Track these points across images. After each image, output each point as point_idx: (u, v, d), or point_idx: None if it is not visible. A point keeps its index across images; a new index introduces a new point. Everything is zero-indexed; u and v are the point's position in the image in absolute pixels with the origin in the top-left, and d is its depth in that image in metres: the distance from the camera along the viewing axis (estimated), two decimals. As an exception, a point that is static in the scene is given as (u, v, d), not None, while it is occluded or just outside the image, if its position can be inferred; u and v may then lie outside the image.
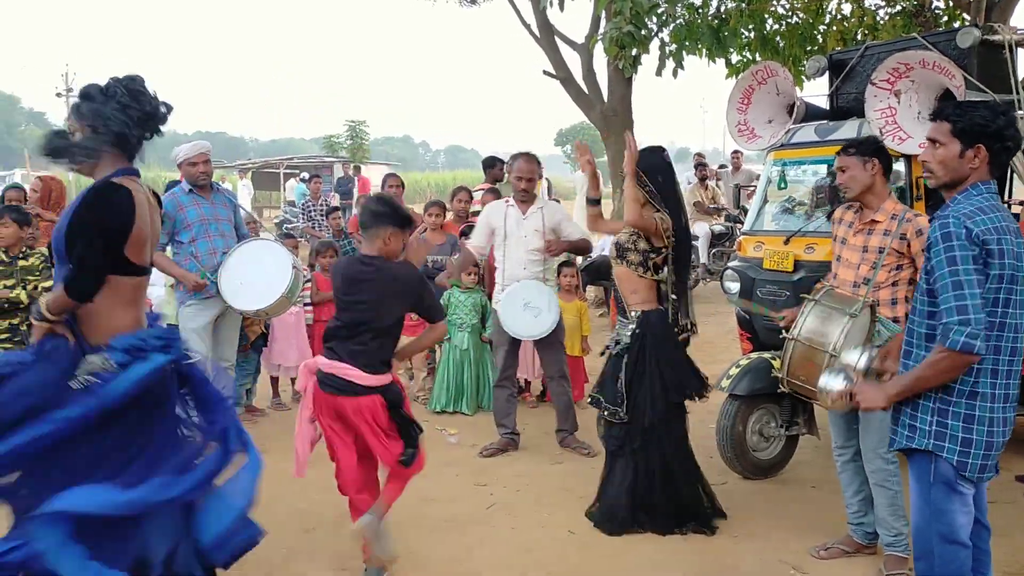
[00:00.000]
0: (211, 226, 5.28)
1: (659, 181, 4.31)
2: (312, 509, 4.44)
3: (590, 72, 9.72)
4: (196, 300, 5.22)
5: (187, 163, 5.23)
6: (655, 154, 4.48)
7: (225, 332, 5.51)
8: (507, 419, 5.39)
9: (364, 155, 36.47)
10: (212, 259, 5.26)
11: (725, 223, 11.67)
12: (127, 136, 2.82)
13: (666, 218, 4.25)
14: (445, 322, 4.01)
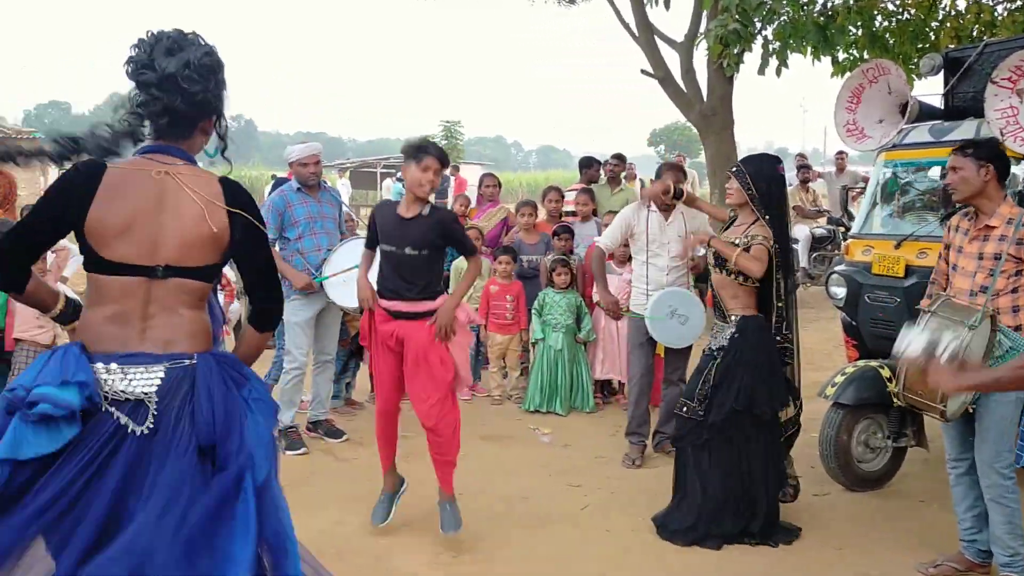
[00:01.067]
0: (317, 224, 5.41)
1: (762, 187, 4.23)
2: (411, 502, 4.51)
3: (689, 71, 9.57)
4: (300, 295, 5.36)
5: (299, 163, 5.37)
6: (766, 162, 4.39)
7: (326, 327, 5.62)
8: (667, 424, 5.29)
9: (458, 155, 36.86)
10: (317, 256, 5.38)
11: (827, 226, 11.33)
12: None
13: (764, 227, 4.19)
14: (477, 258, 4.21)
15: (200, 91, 2.25)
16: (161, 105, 2.25)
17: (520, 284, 6.63)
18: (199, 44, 2.29)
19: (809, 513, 4.43)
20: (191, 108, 2.27)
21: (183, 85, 2.22)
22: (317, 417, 5.71)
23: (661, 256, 5.20)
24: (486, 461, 5.24)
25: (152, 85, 2.23)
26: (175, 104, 2.24)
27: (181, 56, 2.22)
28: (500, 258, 6.57)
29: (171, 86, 2.22)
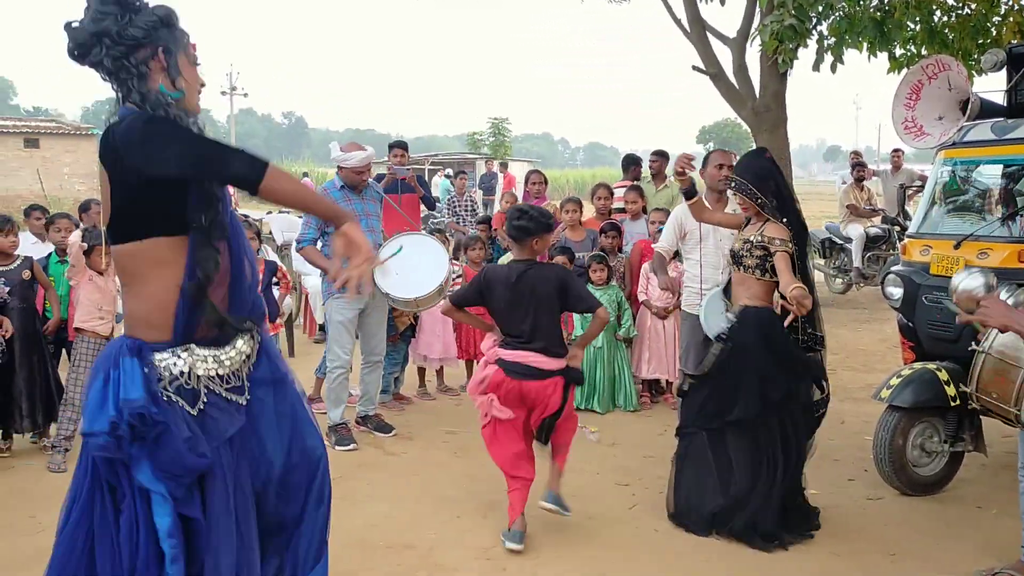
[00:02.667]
0: (361, 221, 5.37)
1: (771, 187, 4.22)
2: (460, 497, 4.55)
3: (741, 67, 9.45)
4: (345, 292, 5.36)
5: (353, 171, 5.38)
6: (758, 158, 4.34)
7: (373, 325, 5.61)
8: None
9: (506, 152, 36.91)
10: None
11: (881, 225, 11.12)
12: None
13: (781, 227, 4.16)
14: (604, 308, 4.13)
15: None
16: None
17: (569, 284, 6.59)
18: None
19: (862, 518, 4.35)
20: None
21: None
22: (366, 412, 5.74)
23: (714, 254, 5.16)
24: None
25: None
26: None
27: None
28: (556, 258, 6.54)
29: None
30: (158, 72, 2.18)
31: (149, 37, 2.15)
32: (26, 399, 5.19)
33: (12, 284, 5.22)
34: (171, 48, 2.20)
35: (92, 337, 5.22)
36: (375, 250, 5.41)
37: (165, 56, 2.18)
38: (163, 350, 2.19)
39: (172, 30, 2.22)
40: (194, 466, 2.13)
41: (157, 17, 2.17)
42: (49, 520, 4.21)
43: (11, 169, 26.18)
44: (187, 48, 2.26)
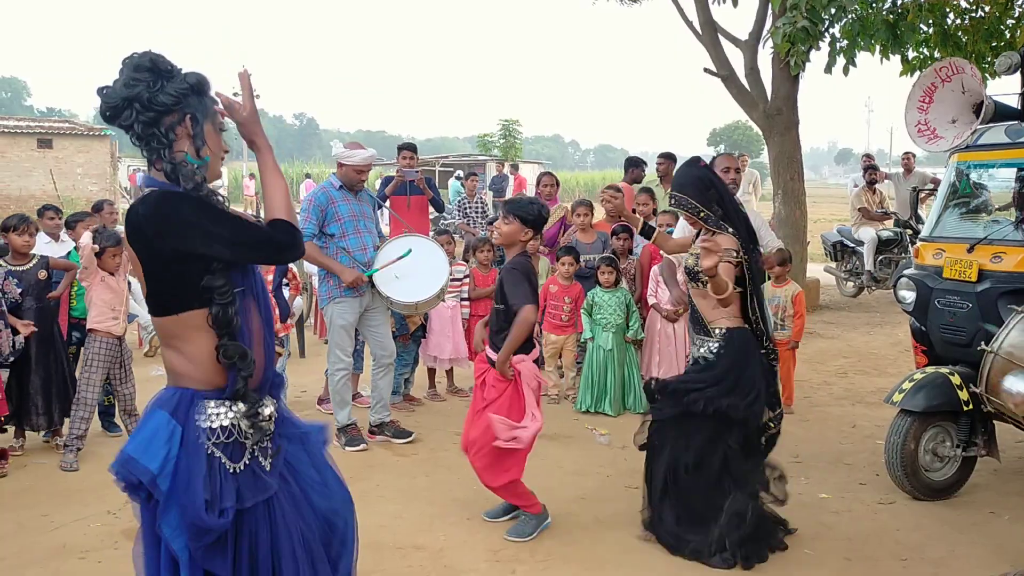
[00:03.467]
0: (360, 222, 5.39)
1: (713, 197, 4.01)
2: (469, 499, 4.54)
3: (753, 70, 9.43)
4: (347, 296, 5.32)
5: (354, 168, 5.37)
6: (694, 167, 4.13)
7: (378, 327, 5.57)
8: None
9: (516, 154, 36.92)
10: (363, 255, 5.35)
11: (893, 229, 11.08)
12: None
13: (729, 238, 3.95)
14: (529, 308, 3.98)
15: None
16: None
17: (580, 287, 6.60)
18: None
19: (874, 522, 4.33)
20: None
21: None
22: (381, 419, 5.64)
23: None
24: (544, 461, 5.23)
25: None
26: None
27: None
28: (563, 259, 6.54)
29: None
30: (184, 139, 2.21)
31: (178, 104, 2.18)
32: (42, 397, 5.22)
33: (28, 284, 5.25)
34: (198, 117, 2.22)
35: (105, 337, 5.25)
36: (371, 251, 5.40)
37: (192, 124, 2.21)
38: (215, 399, 2.21)
39: (202, 98, 2.25)
40: (213, 526, 2.13)
41: (188, 85, 2.20)
42: (61, 518, 4.26)
43: (25, 169, 26.34)
44: (214, 116, 2.29)
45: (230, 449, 2.20)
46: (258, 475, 2.23)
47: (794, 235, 9.35)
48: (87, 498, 4.57)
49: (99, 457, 5.15)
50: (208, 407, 2.19)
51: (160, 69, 2.18)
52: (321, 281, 5.55)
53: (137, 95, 2.14)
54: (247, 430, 2.22)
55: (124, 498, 4.63)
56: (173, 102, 2.17)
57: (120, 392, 5.44)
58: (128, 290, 5.57)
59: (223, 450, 2.19)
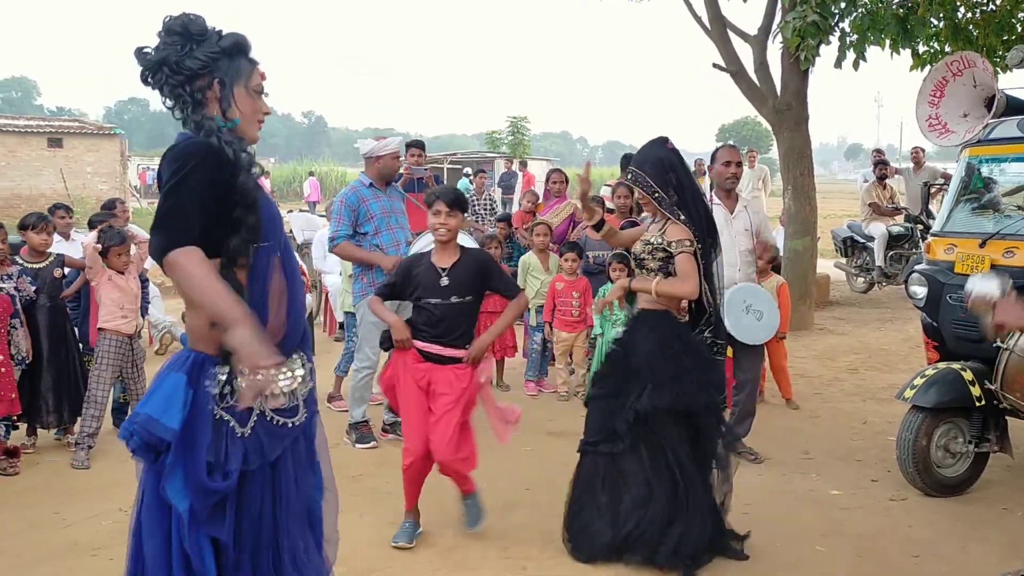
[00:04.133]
0: (392, 219, 5.40)
1: (671, 180, 3.86)
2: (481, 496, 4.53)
3: (763, 65, 9.37)
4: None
5: (391, 156, 5.37)
6: (658, 147, 3.93)
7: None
8: (740, 425, 5.14)
9: (525, 151, 36.90)
10: (396, 251, 5.33)
11: (904, 224, 11.02)
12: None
13: (681, 228, 3.83)
14: (523, 293, 4.12)
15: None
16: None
17: (587, 280, 6.59)
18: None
19: (886, 519, 4.32)
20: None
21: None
22: (395, 419, 5.55)
23: (729, 251, 5.06)
24: (554, 458, 5.22)
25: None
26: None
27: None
28: (566, 255, 6.54)
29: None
30: (213, 101, 2.25)
31: (206, 68, 2.22)
32: (53, 395, 5.25)
33: (44, 282, 5.27)
34: (226, 80, 2.25)
35: (115, 335, 5.27)
36: (404, 247, 5.37)
37: (220, 87, 2.24)
38: (224, 364, 2.21)
39: (233, 61, 2.27)
40: (214, 488, 2.15)
41: (220, 49, 2.23)
42: (72, 516, 4.28)
43: (35, 168, 26.46)
44: (249, 78, 2.31)
45: (239, 413, 2.20)
46: (264, 438, 2.24)
47: (804, 231, 9.29)
48: (98, 495, 4.59)
49: (110, 455, 5.17)
50: (218, 372, 2.20)
51: (191, 33, 2.21)
52: (355, 279, 5.51)
53: (166, 58, 2.19)
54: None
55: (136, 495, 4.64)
56: (200, 66, 2.21)
57: (132, 390, 5.46)
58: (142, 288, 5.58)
59: (231, 413, 2.20)
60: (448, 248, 3.95)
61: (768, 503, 4.48)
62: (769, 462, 5.11)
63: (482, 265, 4.00)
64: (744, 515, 4.30)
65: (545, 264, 6.79)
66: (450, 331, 3.90)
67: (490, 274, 4.00)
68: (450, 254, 3.94)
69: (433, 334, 3.91)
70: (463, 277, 3.89)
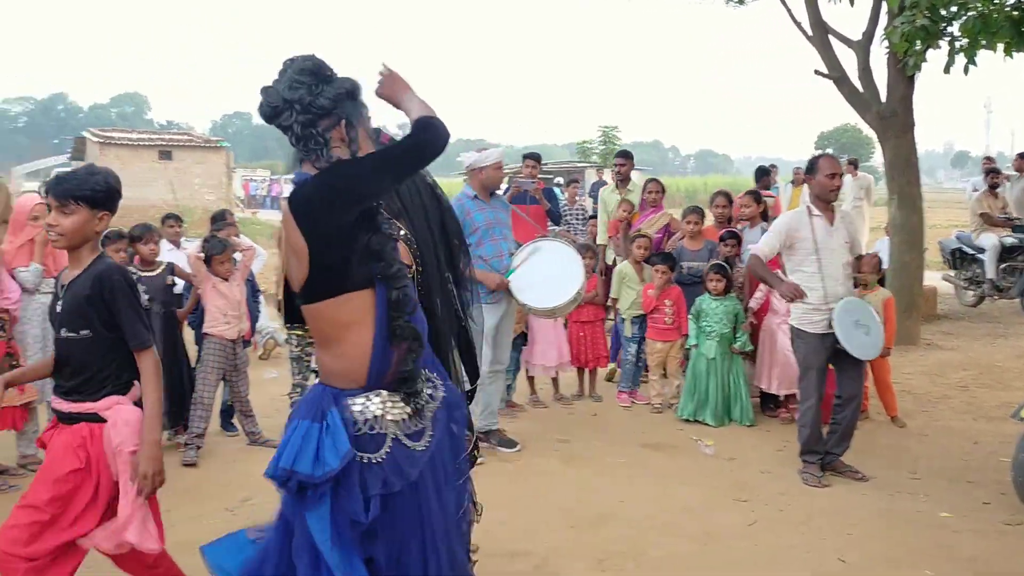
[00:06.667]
0: (495, 230, 5.43)
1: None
2: (572, 506, 4.53)
3: (866, 71, 9.08)
4: (483, 303, 5.35)
5: (494, 167, 5.43)
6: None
7: (504, 335, 5.59)
8: (840, 446, 5.05)
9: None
10: (499, 262, 5.37)
11: (1017, 235, 10.50)
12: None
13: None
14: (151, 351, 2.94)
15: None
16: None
17: (679, 288, 6.51)
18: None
19: (1000, 543, 4.10)
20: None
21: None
22: (489, 427, 5.64)
23: (832, 264, 4.93)
24: (648, 470, 5.18)
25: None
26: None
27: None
28: (656, 266, 6.48)
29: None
30: (338, 142, 2.26)
31: (335, 108, 2.24)
32: (166, 398, 5.47)
33: (156, 290, 5.52)
34: (352, 121, 2.27)
35: (219, 340, 5.47)
36: (507, 258, 5.39)
37: (347, 128, 2.26)
38: (356, 395, 2.25)
39: (356, 103, 2.31)
40: (363, 518, 2.18)
41: (344, 90, 2.26)
42: (180, 515, 4.43)
43: (147, 180, 27.72)
44: (367, 121, 2.34)
45: (373, 442, 2.23)
46: (401, 460, 2.26)
47: (911, 242, 8.95)
48: (205, 495, 4.76)
49: (217, 456, 5.36)
50: (352, 404, 2.24)
51: (321, 74, 2.25)
52: None
53: (299, 98, 2.21)
54: (392, 420, 2.26)
55: (242, 496, 4.79)
56: (331, 106, 2.23)
57: (235, 394, 5.66)
58: (253, 296, 5.78)
59: (365, 442, 2.22)
60: (72, 257, 2.92)
61: (873, 524, 4.32)
62: (874, 481, 4.93)
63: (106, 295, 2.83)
64: (848, 536, 4.18)
65: (640, 274, 6.73)
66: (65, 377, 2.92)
67: (105, 307, 2.83)
68: (73, 265, 2.92)
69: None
70: (77, 302, 2.84)
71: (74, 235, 2.83)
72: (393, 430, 2.26)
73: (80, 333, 2.84)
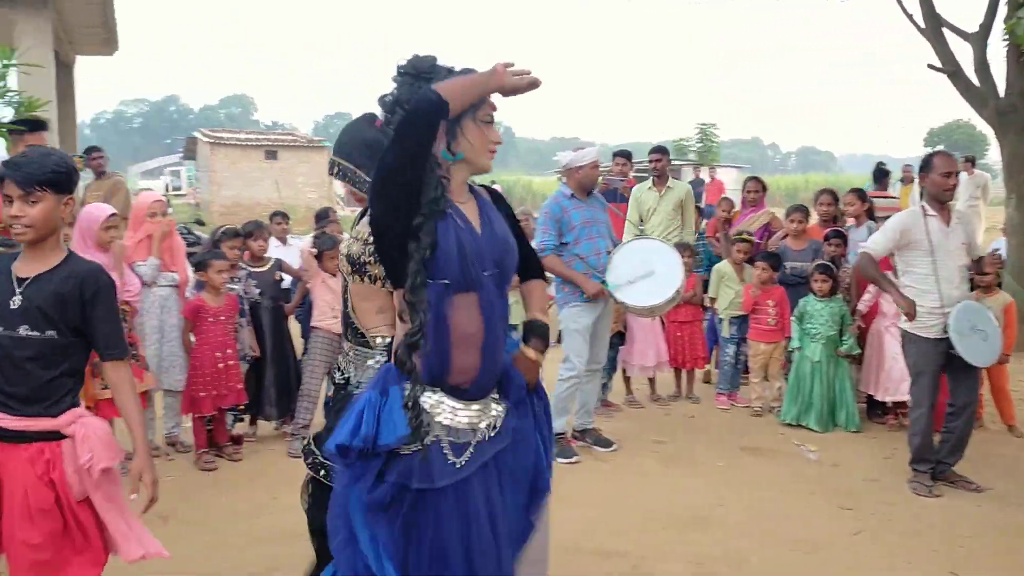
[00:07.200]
0: (593, 228, 5.41)
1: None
2: (668, 508, 4.49)
3: (983, 64, 8.67)
4: (581, 301, 5.35)
5: (591, 166, 5.43)
6: (366, 127, 2.92)
7: (601, 333, 5.56)
8: (953, 456, 4.86)
9: (713, 158, 36.02)
10: (597, 260, 5.35)
11: None
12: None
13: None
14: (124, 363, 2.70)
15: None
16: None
17: (782, 289, 6.36)
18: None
19: None
20: None
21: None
22: (584, 426, 5.64)
23: (946, 267, 4.73)
24: (747, 475, 5.08)
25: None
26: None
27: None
28: (759, 264, 6.35)
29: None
30: (440, 135, 2.23)
31: None
32: (275, 389, 5.69)
33: (265, 285, 5.73)
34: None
35: (326, 334, 5.63)
36: (604, 256, 5.37)
37: (447, 121, 2.22)
38: (407, 382, 2.22)
39: None
40: (372, 494, 2.18)
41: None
42: (287, 501, 4.57)
43: (254, 179, 28.73)
44: (477, 110, 2.28)
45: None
46: (433, 462, 2.20)
47: (1030, 242, 8.51)
48: (310, 484, 4.90)
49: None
50: (403, 387, 2.22)
51: (419, 71, 2.28)
52: (557, 288, 5.62)
53: (399, 98, 2.28)
54: (440, 423, 2.22)
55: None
56: None
57: (339, 386, 5.83)
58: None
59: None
60: (35, 251, 2.60)
61: (987, 538, 4.14)
62: (989, 493, 4.72)
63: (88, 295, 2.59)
64: (959, 549, 4.01)
65: (740, 274, 6.61)
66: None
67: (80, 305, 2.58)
68: (35, 258, 2.61)
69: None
70: (46, 299, 2.55)
71: (44, 225, 2.53)
72: (438, 432, 2.22)
73: (45, 333, 2.53)
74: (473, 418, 2.27)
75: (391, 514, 2.20)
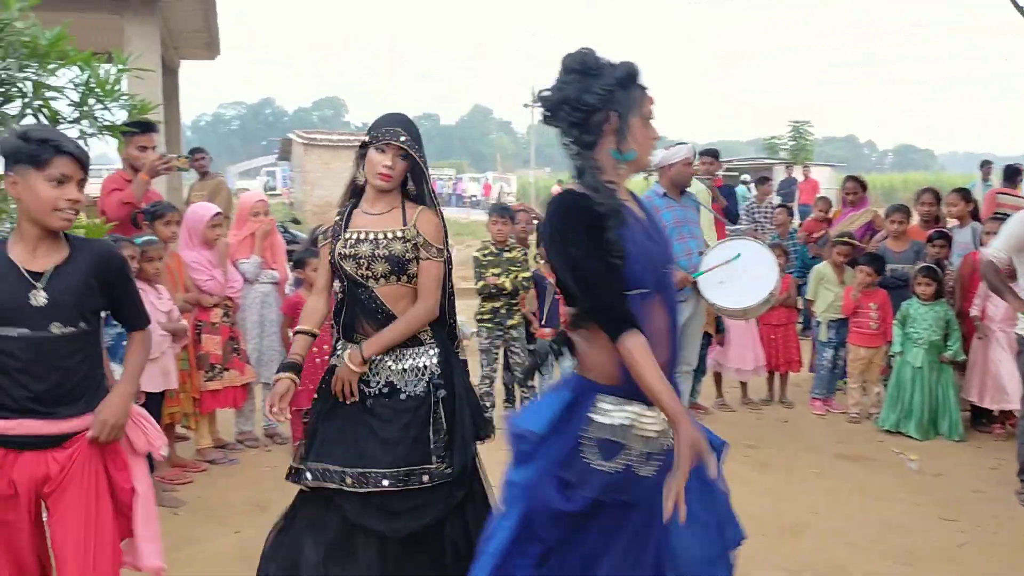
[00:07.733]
0: (684, 228, 5.36)
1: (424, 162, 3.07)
2: (761, 514, 4.39)
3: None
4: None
5: (683, 163, 5.38)
6: (399, 113, 3.12)
7: (691, 335, 5.50)
8: None
9: (806, 156, 35.13)
10: (687, 260, 5.28)
11: None
12: None
13: (438, 220, 3.07)
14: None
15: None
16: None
17: (884, 292, 6.16)
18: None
19: None
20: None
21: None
22: None
23: None
24: (845, 483, 4.95)
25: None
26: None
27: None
28: (862, 267, 6.15)
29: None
30: (610, 134, 2.20)
31: (604, 102, 2.18)
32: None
33: None
34: (623, 112, 2.20)
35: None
36: (695, 256, 5.30)
37: (617, 119, 2.19)
38: (611, 395, 2.17)
39: (628, 91, 2.21)
40: (558, 507, 2.13)
41: (615, 80, 2.19)
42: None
43: (345, 179, 29.10)
44: (642, 106, 2.27)
45: (606, 448, 2.14)
46: (629, 481, 2.15)
47: None
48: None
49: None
50: (602, 401, 2.16)
51: (587, 68, 2.21)
52: None
53: (567, 96, 2.20)
54: (640, 435, 2.16)
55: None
56: (599, 101, 2.17)
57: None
58: None
59: (597, 445, 2.14)
60: (48, 241, 2.44)
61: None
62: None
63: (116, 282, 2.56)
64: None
65: (840, 276, 6.43)
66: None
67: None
68: (49, 250, 2.44)
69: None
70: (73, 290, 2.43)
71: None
72: (638, 447, 2.15)
73: (79, 326, 2.42)
74: (663, 424, 2.16)
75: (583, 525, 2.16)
